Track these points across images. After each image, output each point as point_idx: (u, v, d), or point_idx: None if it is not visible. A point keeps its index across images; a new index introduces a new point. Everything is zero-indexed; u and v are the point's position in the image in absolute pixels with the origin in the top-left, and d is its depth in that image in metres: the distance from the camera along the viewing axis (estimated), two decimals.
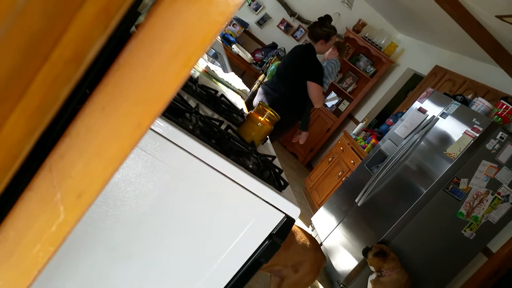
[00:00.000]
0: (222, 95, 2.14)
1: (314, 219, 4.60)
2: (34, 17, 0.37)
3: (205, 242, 1.53)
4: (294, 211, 1.54)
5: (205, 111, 1.83)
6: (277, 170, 1.67)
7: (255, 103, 3.71)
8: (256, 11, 6.83)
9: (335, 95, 6.97)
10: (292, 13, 6.82)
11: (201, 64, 2.61)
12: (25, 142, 0.42)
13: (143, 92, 0.44)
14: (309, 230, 4.56)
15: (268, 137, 2.09)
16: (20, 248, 0.51)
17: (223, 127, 1.66)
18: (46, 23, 0.37)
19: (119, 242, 1.47)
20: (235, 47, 6.32)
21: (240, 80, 2.86)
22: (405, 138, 3.83)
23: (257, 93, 3.77)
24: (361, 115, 6.59)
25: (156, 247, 1.50)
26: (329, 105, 6.92)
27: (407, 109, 4.30)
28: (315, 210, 4.86)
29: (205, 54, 3.00)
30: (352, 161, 4.90)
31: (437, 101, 3.84)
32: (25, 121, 0.41)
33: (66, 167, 0.47)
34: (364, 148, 4.89)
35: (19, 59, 0.38)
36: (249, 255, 1.57)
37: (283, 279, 2.54)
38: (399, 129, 4.06)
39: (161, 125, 1.35)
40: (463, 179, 3.27)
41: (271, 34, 6.96)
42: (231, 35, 6.56)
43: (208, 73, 2.59)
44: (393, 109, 6.09)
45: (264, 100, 3.63)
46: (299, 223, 4.46)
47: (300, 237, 2.60)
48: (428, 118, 3.76)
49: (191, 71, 2.33)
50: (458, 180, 3.27)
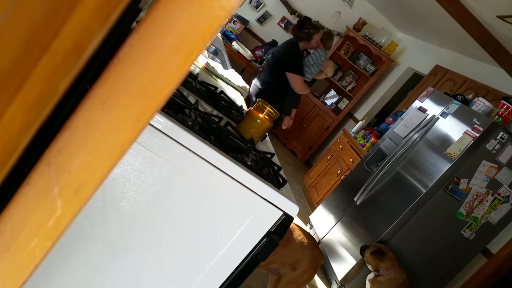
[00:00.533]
0: (222, 91, 2.13)
1: (312, 217, 4.60)
2: (34, 8, 0.37)
3: (202, 239, 1.53)
4: (292, 209, 1.54)
5: (205, 107, 1.82)
6: (275, 168, 1.66)
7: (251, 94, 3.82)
8: (256, 8, 6.82)
9: (335, 93, 6.96)
10: (292, 11, 6.81)
11: (201, 60, 2.60)
12: (23, 134, 0.41)
13: (143, 87, 0.43)
14: (307, 228, 4.56)
15: (267, 134, 2.09)
16: (17, 242, 0.51)
17: (222, 123, 1.66)
18: (46, 14, 0.36)
19: (117, 237, 1.46)
20: (235, 44, 6.30)
21: (239, 77, 2.85)
22: (404, 137, 3.82)
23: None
24: (360, 113, 6.58)
25: (154, 243, 1.50)
26: (329, 103, 6.91)
27: (407, 108, 4.29)
28: (313, 208, 4.85)
29: (205, 51, 2.99)
30: (351, 160, 4.90)
31: (437, 101, 3.83)
32: (23, 113, 0.40)
33: (64, 161, 0.46)
34: (364, 147, 4.89)
35: (18, 49, 0.38)
36: (246, 252, 1.56)
37: (280, 277, 2.53)
38: (398, 128, 4.05)
39: (160, 120, 1.34)
40: (463, 179, 3.26)
41: (271, 32, 6.95)
42: (231, 32, 6.54)
43: (208, 69, 2.58)
44: (393, 108, 6.08)
45: (253, 89, 3.82)
46: (297, 221, 4.46)
47: (298, 235, 2.60)
48: (428, 117, 3.75)
49: (191, 66, 2.32)
50: (458, 180, 3.26)
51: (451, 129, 3.44)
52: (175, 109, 1.46)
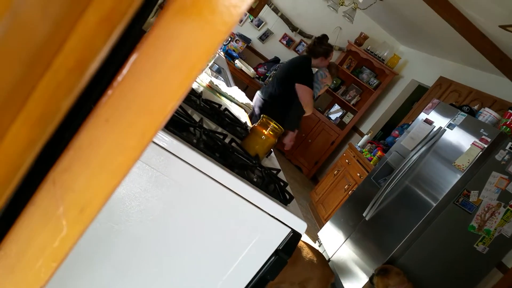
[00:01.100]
0: (226, 109, 2.13)
1: (321, 234, 4.54)
2: (36, 25, 0.36)
3: (209, 258, 1.50)
4: (300, 226, 1.51)
5: (209, 125, 1.81)
6: (282, 184, 1.64)
7: (253, 108, 3.81)
8: (258, 27, 6.88)
9: (339, 107, 6.96)
10: (293, 28, 6.86)
11: (205, 79, 2.61)
12: (27, 153, 0.41)
13: (146, 103, 0.43)
14: (316, 245, 4.50)
15: (272, 150, 2.07)
16: (21, 263, 0.50)
17: (227, 140, 1.65)
18: (47, 31, 0.36)
19: (124, 257, 1.44)
20: (238, 62, 6.35)
21: (243, 93, 2.85)
22: (412, 150, 3.78)
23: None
24: (366, 127, 6.56)
25: (160, 263, 1.48)
26: (333, 117, 6.90)
27: (413, 121, 4.26)
28: (321, 225, 4.80)
29: (209, 69, 3.00)
30: (358, 174, 4.86)
31: (443, 112, 3.80)
32: (27, 130, 0.39)
33: (69, 180, 0.45)
34: (370, 161, 4.85)
35: (20, 67, 0.37)
36: (254, 272, 1.54)
37: None
38: (405, 140, 4.02)
39: (165, 139, 1.33)
40: (473, 191, 3.21)
41: (273, 49, 6.99)
42: (234, 50, 6.59)
43: (211, 87, 2.58)
44: (398, 120, 6.06)
45: (256, 101, 3.82)
46: (305, 238, 4.41)
47: (307, 253, 2.56)
48: (435, 129, 3.72)
49: (194, 83, 2.32)
50: (468, 192, 3.21)
51: (459, 141, 3.40)
52: (180, 127, 1.46)
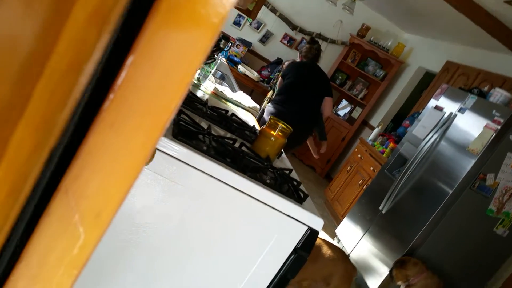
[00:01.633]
0: (233, 114, 2.14)
1: (339, 230, 4.53)
2: (21, 29, 0.37)
3: (229, 262, 1.51)
4: (317, 223, 1.51)
5: (218, 131, 1.83)
6: (295, 183, 1.65)
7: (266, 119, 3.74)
8: (257, 29, 6.87)
9: (347, 102, 6.92)
10: (293, 26, 6.84)
11: (209, 86, 2.62)
12: (34, 158, 0.41)
13: (149, 104, 0.43)
14: (334, 242, 4.49)
15: (283, 150, 2.08)
16: (43, 273, 0.51)
17: (236, 145, 1.65)
18: (36, 34, 0.36)
19: (145, 267, 1.46)
20: (241, 67, 6.35)
21: (249, 97, 2.86)
22: (424, 139, 3.75)
23: (265, 111, 3.78)
24: (375, 120, 6.51)
25: (182, 270, 1.50)
26: (342, 113, 6.87)
27: (423, 109, 4.22)
28: (338, 222, 4.78)
29: (212, 77, 3.01)
30: (371, 168, 4.83)
31: (453, 97, 3.75)
32: (30, 135, 0.40)
33: (81, 187, 0.46)
34: (383, 153, 4.81)
35: (13, 75, 0.38)
36: (275, 272, 1.55)
37: None
38: (417, 130, 3.99)
39: (176, 148, 1.35)
40: (489, 175, 3.17)
41: (275, 50, 6.98)
42: (235, 56, 6.60)
43: (217, 94, 2.60)
44: (408, 110, 6.01)
45: (279, 116, 3.62)
46: (323, 236, 4.40)
47: (327, 249, 2.56)
48: (446, 115, 3.68)
49: (199, 91, 2.34)
50: (484, 176, 3.17)
51: (471, 125, 3.35)
52: (189, 136, 1.47)
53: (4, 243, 0.50)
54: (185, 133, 1.47)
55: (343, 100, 6.98)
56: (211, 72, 2.67)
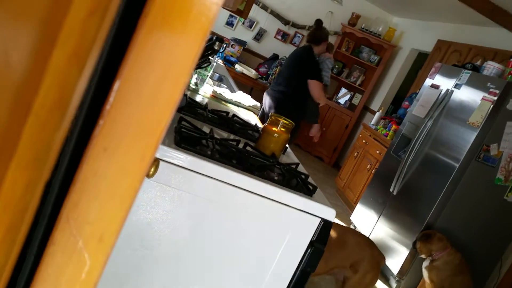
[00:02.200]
0: (234, 115, 2.15)
1: (353, 217, 4.54)
2: (6, 74, 0.38)
3: (248, 263, 1.52)
4: (329, 213, 1.52)
5: (221, 134, 1.84)
6: (303, 176, 1.66)
7: (267, 111, 3.81)
8: (250, 28, 6.89)
9: (346, 90, 6.93)
10: (286, 21, 6.86)
11: (207, 90, 2.64)
12: (29, 195, 0.42)
13: (140, 125, 0.44)
14: None
15: (287, 146, 2.09)
16: None
17: (240, 145, 1.67)
18: (20, 77, 0.38)
19: (166, 281, 1.47)
20: (238, 67, 6.36)
21: (248, 96, 2.87)
22: (424, 117, 3.77)
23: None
24: (376, 104, 6.53)
25: (202, 278, 1.50)
26: (342, 101, 6.88)
27: (420, 89, 4.24)
28: (352, 208, 4.79)
29: (210, 79, 3.03)
30: (377, 152, 4.84)
31: (447, 74, 3.78)
32: (23, 174, 0.41)
33: (82, 214, 0.47)
34: (387, 136, 4.83)
35: (2, 116, 0.39)
36: (294, 267, 1.55)
37: (344, 282, 2.50)
38: (416, 109, 4.00)
39: (180, 157, 1.36)
40: (492, 145, 3.19)
41: (270, 46, 7.00)
42: (231, 56, 6.61)
43: (216, 97, 2.61)
44: (406, 91, 6.01)
45: (268, 102, 3.80)
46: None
47: (353, 235, 2.57)
48: (443, 92, 3.70)
49: (198, 95, 2.34)
50: (488, 147, 3.19)
51: (468, 99, 3.38)
52: (192, 142, 1.48)
53: (12, 276, 0.50)
54: (188, 140, 1.48)
55: (342, 88, 6.99)
56: (208, 76, 2.69)
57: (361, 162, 5.20)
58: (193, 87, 2.55)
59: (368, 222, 4.20)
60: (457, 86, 3.56)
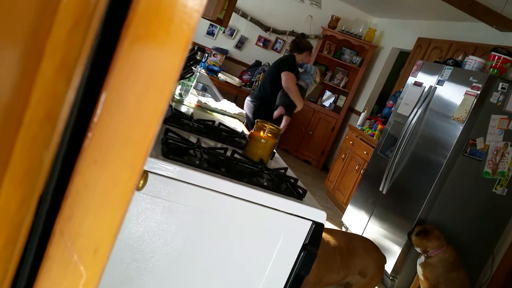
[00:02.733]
0: (220, 123, 2.15)
1: (345, 219, 4.55)
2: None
3: (242, 270, 1.52)
4: (320, 216, 1.53)
5: (208, 143, 1.84)
6: (292, 181, 1.66)
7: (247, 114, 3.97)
8: (231, 36, 6.91)
9: (330, 93, 6.98)
10: (266, 28, 6.89)
11: (192, 100, 2.64)
12: (24, 209, 0.42)
13: (128, 135, 0.44)
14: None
15: (275, 151, 2.09)
16: None
17: (228, 153, 1.67)
18: (8, 92, 0.38)
19: None
20: (221, 75, 6.37)
21: (233, 104, 2.88)
22: (409, 115, 3.80)
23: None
24: (360, 105, 6.58)
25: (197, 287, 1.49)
26: (327, 104, 6.92)
27: (403, 87, 4.29)
28: (343, 210, 4.81)
29: (194, 89, 3.03)
30: (365, 152, 4.87)
31: (429, 71, 3.83)
32: (16, 189, 0.41)
33: (75, 227, 0.47)
34: (373, 136, 4.87)
35: None
36: (288, 271, 1.56)
37: (349, 287, 2.51)
38: (401, 108, 4.04)
39: (168, 168, 1.36)
40: (478, 139, 3.23)
41: (252, 54, 7.02)
42: (214, 65, 6.62)
43: (201, 106, 2.61)
44: (390, 90, 6.07)
45: (247, 108, 4.00)
46: (330, 226, 4.42)
47: (359, 242, 2.60)
48: (426, 89, 3.74)
49: (183, 106, 2.34)
50: (474, 141, 3.23)
51: (452, 94, 3.42)
52: (179, 153, 1.48)
53: None
54: (175, 150, 1.48)
55: (326, 91, 7.04)
56: (192, 86, 2.69)
57: (349, 163, 5.22)
58: (178, 98, 2.55)
59: (359, 222, 4.21)
60: (439, 83, 3.61)
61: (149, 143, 0.44)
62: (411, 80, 4.05)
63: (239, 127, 2.48)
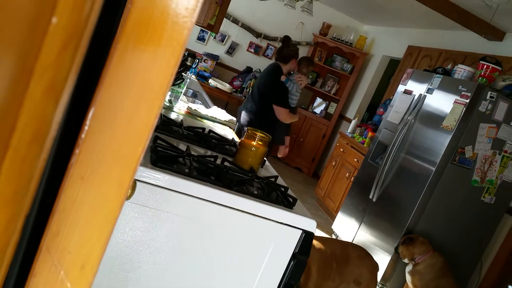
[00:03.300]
0: (210, 130, 2.14)
1: (335, 226, 4.55)
2: None
3: (231, 280, 1.51)
4: (310, 224, 1.53)
5: (197, 150, 1.82)
6: (282, 189, 1.65)
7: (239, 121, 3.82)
8: (222, 42, 6.91)
9: (321, 100, 7.00)
10: (257, 34, 6.91)
11: (182, 106, 2.62)
12: (10, 229, 0.42)
13: (116, 151, 0.44)
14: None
15: (265, 159, 2.09)
16: None
17: (218, 161, 1.65)
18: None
19: None
20: (212, 81, 6.36)
21: (223, 111, 2.87)
22: (399, 123, 3.83)
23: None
24: (351, 112, 6.61)
25: None
26: (318, 111, 6.94)
27: (393, 95, 4.31)
28: (333, 218, 4.81)
29: (184, 96, 3.02)
30: (355, 159, 4.88)
31: (419, 79, 3.86)
32: (3, 210, 0.40)
33: (62, 243, 0.47)
34: (364, 143, 4.89)
35: None
36: (278, 280, 1.55)
37: None
38: (391, 116, 4.06)
39: (157, 176, 1.34)
40: (467, 147, 3.25)
41: (243, 60, 7.03)
42: (205, 71, 6.61)
43: (191, 113, 2.60)
44: (380, 98, 6.11)
45: (242, 118, 3.78)
46: (321, 234, 4.41)
47: (352, 250, 2.60)
48: (416, 97, 3.77)
49: (173, 113, 2.33)
50: (462, 149, 3.25)
51: (441, 103, 3.45)
52: (168, 161, 1.47)
53: None
54: (164, 158, 1.46)
55: (317, 98, 7.06)
56: (182, 92, 2.67)
57: (340, 170, 5.23)
58: (167, 104, 2.53)
59: (349, 230, 4.21)
60: (429, 91, 3.63)
61: (137, 159, 0.44)
62: (401, 88, 4.08)
63: (230, 134, 2.47)
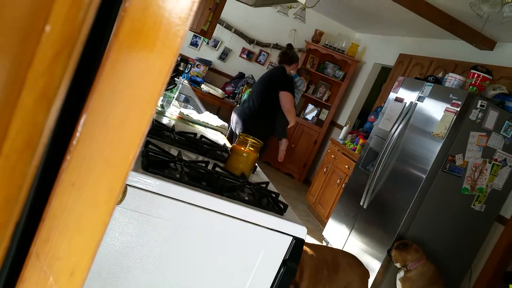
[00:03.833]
0: (202, 136, 2.14)
1: (326, 233, 4.56)
2: None
3: (220, 286, 1.50)
4: (300, 231, 1.53)
5: (189, 155, 1.82)
6: (273, 195, 1.65)
7: (234, 129, 3.84)
8: (215, 47, 6.92)
9: (313, 106, 7.03)
10: (250, 40, 6.93)
11: (174, 111, 2.62)
12: (0, 236, 0.42)
13: (107, 158, 0.44)
14: (323, 245, 4.50)
15: (257, 165, 2.09)
16: None
17: (209, 167, 1.65)
18: None
19: None
20: (204, 87, 6.37)
21: (215, 117, 2.87)
22: (390, 130, 3.85)
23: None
24: (343, 119, 6.64)
25: None
26: (309, 117, 6.96)
27: (384, 102, 4.34)
28: (324, 224, 4.81)
29: (176, 101, 3.01)
30: (346, 166, 4.90)
31: (410, 87, 3.88)
32: None
33: (52, 250, 0.47)
34: (355, 150, 4.91)
35: None
36: (268, 287, 1.54)
37: None
38: (382, 123, 4.09)
39: (148, 181, 1.34)
40: (457, 155, 3.28)
41: (235, 65, 7.04)
42: (197, 76, 6.61)
43: (183, 118, 2.59)
44: (371, 105, 6.15)
45: (236, 119, 3.84)
46: (311, 240, 4.41)
47: (343, 258, 2.60)
48: (407, 105, 3.80)
49: (164, 118, 2.32)
50: (453, 157, 3.27)
51: (432, 111, 3.48)
52: (159, 166, 1.46)
53: None
54: (156, 163, 1.46)
55: (309, 104, 7.09)
56: (174, 97, 2.67)
57: (331, 177, 5.24)
58: (159, 109, 2.53)
59: (340, 236, 4.22)
60: (420, 99, 3.66)
61: (128, 166, 0.44)
62: (392, 95, 4.10)
63: (221, 140, 2.47)
